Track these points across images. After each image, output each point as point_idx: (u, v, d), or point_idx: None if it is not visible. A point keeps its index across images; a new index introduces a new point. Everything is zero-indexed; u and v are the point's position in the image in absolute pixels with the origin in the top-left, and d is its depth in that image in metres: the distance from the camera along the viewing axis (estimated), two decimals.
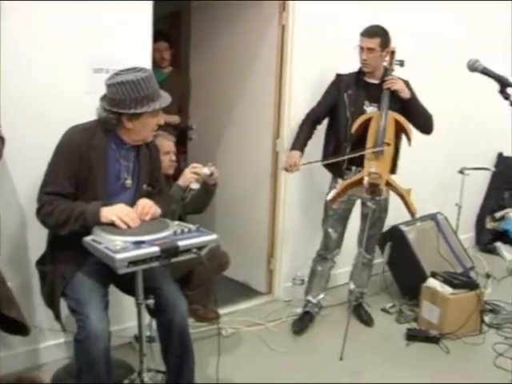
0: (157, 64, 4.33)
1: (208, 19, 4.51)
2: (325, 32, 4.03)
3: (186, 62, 5.01)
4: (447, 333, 3.84)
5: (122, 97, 2.37)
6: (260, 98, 4.18)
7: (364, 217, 3.85)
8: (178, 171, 3.29)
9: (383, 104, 3.55)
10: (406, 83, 3.65)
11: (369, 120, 3.56)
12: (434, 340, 3.79)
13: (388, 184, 3.55)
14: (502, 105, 2.42)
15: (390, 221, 4.38)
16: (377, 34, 3.50)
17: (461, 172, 5.07)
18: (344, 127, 3.62)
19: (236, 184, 4.40)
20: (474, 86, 3.22)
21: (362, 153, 3.53)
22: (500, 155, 6.26)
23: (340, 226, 3.81)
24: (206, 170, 3.07)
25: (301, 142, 3.71)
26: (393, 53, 3.67)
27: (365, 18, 3.67)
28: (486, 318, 4.12)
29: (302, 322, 3.91)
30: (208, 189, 3.24)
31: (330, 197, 3.62)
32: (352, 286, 4.07)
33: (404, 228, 4.49)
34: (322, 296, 3.97)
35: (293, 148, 3.70)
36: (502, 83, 2.40)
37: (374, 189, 3.48)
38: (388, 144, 3.52)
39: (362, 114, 3.59)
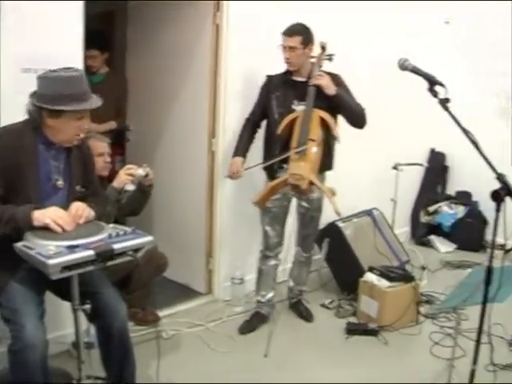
0: (88, 70, 4.27)
1: (144, 19, 4.46)
2: (259, 31, 4.04)
3: (122, 63, 4.93)
4: (385, 325, 3.92)
5: (45, 91, 2.33)
6: (196, 97, 4.16)
7: (299, 216, 3.89)
8: (114, 173, 3.24)
9: (308, 101, 3.54)
10: (336, 77, 3.65)
11: (295, 119, 3.56)
12: (373, 332, 3.86)
13: (312, 184, 3.50)
14: (433, 102, 2.49)
15: (328, 217, 4.44)
16: (297, 33, 3.50)
17: (395, 168, 5.18)
18: (273, 129, 3.62)
19: (173, 184, 4.36)
20: (407, 84, 3.29)
21: (287, 155, 3.52)
22: (432, 151, 6.42)
23: (278, 224, 3.82)
24: (140, 171, 3.03)
25: (242, 147, 3.74)
26: (323, 48, 3.67)
27: (299, 18, 3.69)
28: (422, 309, 4.23)
29: (251, 323, 3.89)
30: (144, 190, 3.19)
31: (255, 199, 3.61)
32: (291, 284, 4.11)
33: (341, 224, 4.54)
34: (271, 295, 3.96)
35: (235, 154, 3.73)
36: (431, 81, 2.47)
37: (297, 189, 3.49)
38: (313, 140, 3.49)
39: (291, 113, 3.59)
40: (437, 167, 6.39)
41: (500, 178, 2.23)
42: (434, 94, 2.45)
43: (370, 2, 4.91)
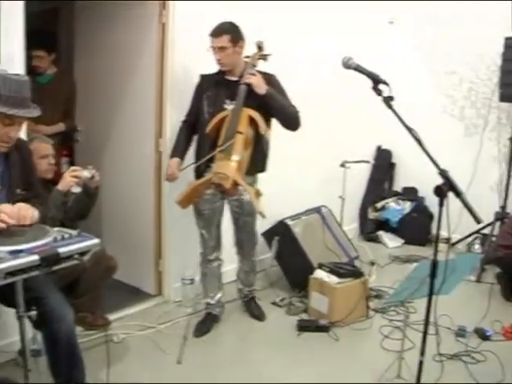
0: (36, 71, 4.18)
1: (92, 18, 4.38)
2: (205, 30, 4.01)
3: (70, 63, 4.84)
4: (336, 321, 3.96)
5: None
6: (143, 97, 4.11)
7: (233, 220, 3.84)
8: (60, 175, 3.16)
9: (237, 100, 3.48)
10: (271, 77, 3.62)
11: (224, 118, 3.50)
12: (324, 329, 3.90)
13: (236, 184, 3.42)
14: (379, 100, 2.52)
15: (277, 215, 4.46)
16: (225, 32, 3.45)
17: (342, 166, 5.25)
18: (203, 129, 3.56)
19: (121, 185, 4.32)
20: (353, 82, 3.31)
21: (213, 153, 3.47)
22: (379, 148, 6.52)
23: (212, 226, 3.76)
24: (86, 173, 2.96)
25: (179, 149, 3.69)
26: (259, 48, 3.64)
27: (243, 17, 3.69)
28: (372, 304, 4.30)
29: (205, 325, 3.87)
30: (89, 192, 3.12)
31: (177, 198, 3.56)
32: (240, 286, 4.14)
33: (290, 222, 4.56)
34: (219, 295, 3.94)
35: (171, 156, 3.69)
36: (374, 80, 2.51)
37: (220, 189, 3.45)
38: (240, 132, 3.41)
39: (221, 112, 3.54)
40: (383, 164, 6.49)
41: (442, 173, 2.28)
42: (378, 92, 2.50)
43: (315, 1, 4.95)
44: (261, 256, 4.69)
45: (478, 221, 2.26)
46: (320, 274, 4.12)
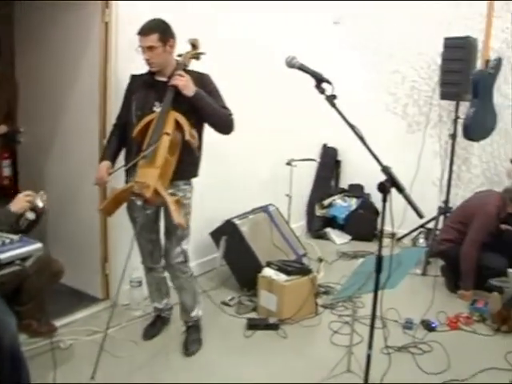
0: None
1: (32, 20, 4.28)
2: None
3: (11, 64, 4.71)
4: (285, 318, 3.99)
5: None
6: (86, 97, 4.03)
7: (165, 230, 3.54)
8: (1, 178, 3.07)
9: (164, 103, 3.23)
10: (203, 77, 3.40)
11: (151, 122, 3.24)
12: (274, 327, 3.92)
13: (156, 193, 3.10)
14: (323, 99, 2.54)
15: (224, 215, 4.46)
16: (153, 31, 3.19)
17: (288, 164, 5.30)
18: (131, 133, 3.29)
19: (66, 188, 4.22)
20: (299, 81, 3.32)
21: (136, 160, 3.19)
22: (324, 146, 6.61)
23: (149, 233, 3.54)
24: (39, 203, 2.86)
25: (109, 152, 3.45)
26: (193, 46, 3.47)
27: (186, 16, 3.66)
28: (321, 300, 4.35)
29: (154, 328, 3.81)
30: (38, 215, 2.97)
31: (100, 206, 3.38)
32: (181, 312, 3.75)
33: (237, 221, 4.56)
34: (166, 300, 3.86)
35: (101, 159, 3.44)
36: (318, 79, 2.53)
37: (141, 198, 3.15)
38: (167, 134, 3.16)
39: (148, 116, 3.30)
40: (329, 162, 6.58)
41: (385, 170, 2.32)
42: (321, 90, 2.52)
43: (260, 1, 4.97)
44: (209, 256, 4.69)
45: (420, 215, 2.31)
46: (268, 272, 4.13)
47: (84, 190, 4.13)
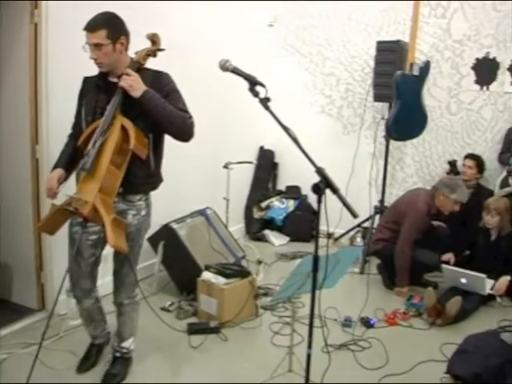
0: None
1: None
2: (81, 29, 3.87)
3: None
4: (226, 321, 3.98)
5: None
6: (16, 100, 3.90)
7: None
8: None
9: (110, 106, 2.87)
10: (160, 76, 3.04)
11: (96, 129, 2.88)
12: (215, 330, 3.91)
13: (95, 210, 2.72)
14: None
15: (162, 219, 4.41)
16: (101, 26, 2.81)
17: (225, 167, 5.29)
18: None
19: None
20: (234, 84, 3.28)
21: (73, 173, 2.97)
22: (261, 148, 6.63)
23: (85, 255, 3.11)
24: None
25: (63, 160, 3.06)
26: (154, 42, 3.10)
27: (123, 14, 3.56)
28: (261, 302, 4.36)
29: (89, 360, 3.45)
30: None
31: (39, 224, 3.03)
32: (115, 339, 3.41)
33: (175, 226, 4.52)
34: (103, 325, 3.48)
35: (54, 167, 3.05)
36: (251, 82, 2.54)
37: (79, 216, 2.78)
38: (107, 142, 2.82)
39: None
40: (266, 164, 6.61)
41: (319, 171, 2.34)
42: (255, 93, 2.53)
43: (195, 1, 4.95)
44: (147, 262, 4.63)
45: (354, 215, 2.34)
46: (207, 275, 4.12)
47: (15, 197, 4.02)
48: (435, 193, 4.68)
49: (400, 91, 5.03)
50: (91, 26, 2.82)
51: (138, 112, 2.88)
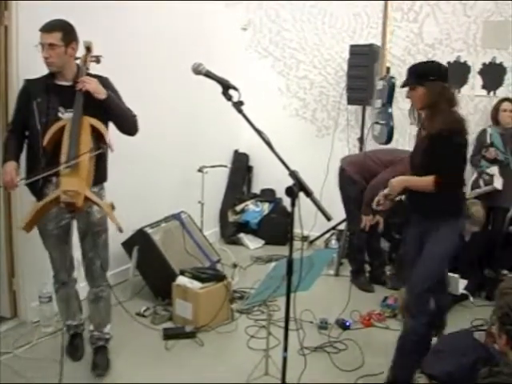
0: None
1: None
2: None
3: None
4: (202, 326, 3.98)
5: None
6: None
7: (81, 236, 3.41)
8: None
9: (75, 109, 3.13)
10: (104, 80, 3.31)
11: (62, 128, 3.13)
12: (190, 335, 3.89)
13: (87, 199, 3.07)
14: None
15: (136, 224, 4.39)
16: (57, 29, 3.09)
17: (200, 170, 5.29)
18: (37, 140, 3.16)
19: None
20: (209, 87, 3.27)
21: (56, 170, 3.06)
22: (236, 152, 6.63)
23: (63, 245, 3.39)
24: None
25: (12, 153, 3.23)
26: (88, 49, 3.36)
27: (92, 18, 3.55)
28: (236, 306, 4.37)
29: (77, 346, 3.63)
30: None
31: (22, 224, 3.11)
32: (91, 327, 3.58)
33: (149, 230, 4.49)
34: (80, 315, 3.71)
35: (4, 161, 3.20)
36: (224, 85, 2.54)
37: (72, 208, 3.05)
38: (86, 152, 3.11)
39: (56, 122, 3.16)
40: (241, 167, 6.62)
41: (292, 174, 2.35)
42: (228, 97, 2.52)
43: (170, 2, 4.94)
44: (121, 267, 4.60)
45: (328, 218, 2.35)
46: (182, 280, 4.10)
47: None
48: None
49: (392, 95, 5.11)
50: (48, 27, 3.11)
51: (94, 112, 3.18)
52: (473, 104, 5.45)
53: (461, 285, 4.44)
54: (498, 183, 4.90)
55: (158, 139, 3.76)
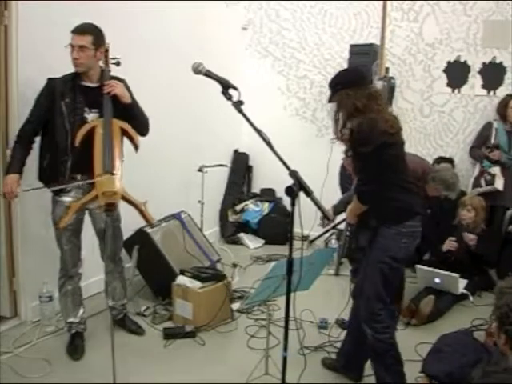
0: None
1: None
2: (54, 32, 3.80)
3: None
4: (202, 325, 3.97)
5: None
6: None
7: (99, 232, 3.65)
8: None
9: (105, 111, 3.30)
10: (123, 83, 3.47)
11: (93, 129, 3.27)
12: (191, 334, 3.89)
13: (124, 198, 3.29)
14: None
15: (136, 224, 4.38)
16: (89, 32, 3.24)
17: (200, 170, 5.29)
18: (64, 139, 3.29)
19: None
20: (209, 87, 3.28)
21: (92, 181, 3.21)
22: (236, 151, 6.63)
23: (76, 239, 3.56)
24: None
25: (16, 163, 3.34)
26: (106, 51, 3.45)
27: (94, 19, 3.54)
28: (236, 305, 4.35)
29: (77, 346, 3.64)
30: None
31: (63, 223, 3.27)
32: (111, 303, 3.89)
33: (149, 230, 4.48)
34: (81, 311, 3.73)
35: (7, 172, 3.33)
36: (223, 85, 2.54)
37: (112, 207, 3.25)
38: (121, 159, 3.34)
39: (83, 122, 3.31)
40: (241, 167, 6.62)
41: (292, 174, 2.35)
42: (228, 97, 2.52)
43: (168, 2, 4.94)
44: None
45: (327, 218, 2.35)
46: (182, 280, 4.10)
47: None
48: None
49: None
50: (80, 30, 3.24)
51: (116, 115, 3.32)
52: (473, 103, 5.45)
53: (461, 284, 4.44)
54: (499, 183, 4.91)
55: (157, 139, 3.75)
